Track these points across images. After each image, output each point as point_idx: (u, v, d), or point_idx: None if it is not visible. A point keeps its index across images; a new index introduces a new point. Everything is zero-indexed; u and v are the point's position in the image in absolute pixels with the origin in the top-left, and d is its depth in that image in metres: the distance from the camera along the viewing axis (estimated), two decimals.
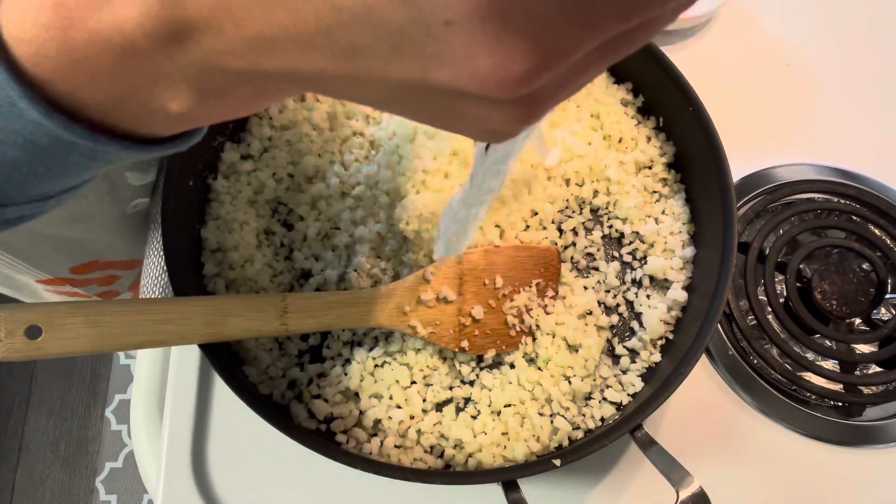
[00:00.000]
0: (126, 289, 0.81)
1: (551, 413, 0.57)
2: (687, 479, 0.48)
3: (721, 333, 0.65)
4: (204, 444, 0.60)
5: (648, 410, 0.51)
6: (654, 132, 0.68)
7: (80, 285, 0.75)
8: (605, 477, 0.60)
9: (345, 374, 0.58)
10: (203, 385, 0.62)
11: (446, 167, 0.60)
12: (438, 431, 0.57)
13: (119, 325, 0.44)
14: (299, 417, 0.56)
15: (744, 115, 0.74)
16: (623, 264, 0.64)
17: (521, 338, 0.59)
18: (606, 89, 0.69)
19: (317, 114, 0.65)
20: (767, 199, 0.69)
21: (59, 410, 1.60)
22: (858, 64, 0.78)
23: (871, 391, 0.64)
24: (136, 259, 0.75)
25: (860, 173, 0.72)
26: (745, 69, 0.77)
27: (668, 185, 0.66)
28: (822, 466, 0.61)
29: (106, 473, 1.54)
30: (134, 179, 0.62)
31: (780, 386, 0.63)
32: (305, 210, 0.63)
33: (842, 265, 0.67)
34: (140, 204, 0.66)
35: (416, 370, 0.58)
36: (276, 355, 0.59)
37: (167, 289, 0.66)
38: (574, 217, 0.65)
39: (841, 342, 0.64)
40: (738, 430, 0.62)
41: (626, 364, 0.60)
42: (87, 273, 0.73)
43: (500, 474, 0.51)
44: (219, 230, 0.61)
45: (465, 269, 0.57)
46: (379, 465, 0.50)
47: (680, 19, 0.75)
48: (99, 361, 1.65)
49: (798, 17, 0.80)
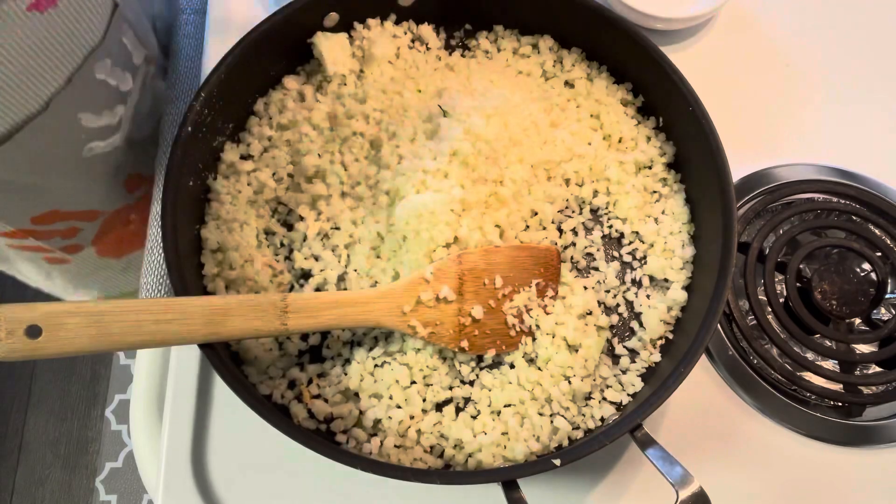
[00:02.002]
0: (89, 242, 0.80)
1: (551, 413, 0.57)
2: (687, 479, 0.48)
3: (721, 333, 0.65)
4: (204, 444, 0.60)
5: (648, 410, 0.51)
6: (654, 132, 0.68)
7: (43, 238, 0.74)
8: (605, 477, 0.60)
9: (345, 374, 0.58)
10: (203, 385, 0.62)
11: (446, 167, 0.60)
12: (438, 431, 0.57)
13: (119, 325, 0.44)
14: (299, 417, 0.56)
15: (744, 115, 0.74)
16: (623, 264, 0.64)
17: (521, 338, 0.59)
18: (606, 89, 0.69)
19: (317, 114, 0.65)
20: (767, 199, 0.69)
21: (59, 410, 1.60)
22: (858, 64, 0.78)
23: (871, 391, 0.64)
24: (97, 210, 0.76)
25: (860, 173, 0.72)
26: (745, 69, 0.77)
27: (668, 185, 0.66)
28: (822, 466, 0.61)
29: (106, 473, 1.54)
30: (87, 121, 0.62)
31: (780, 386, 0.63)
32: (305, 210, 0.63)
33: (842, 265, 0.67)
34: (96, 148, 0.66)
35: (416, 370, 0.58)
36: (276, 355, 0.59)
37: (167, 288, 0.66)
38: (574, 217, 0.65)
39: (841, 342, 0.64)
40: (738, 430, 0.62)
41: (625, 364, 0.60)
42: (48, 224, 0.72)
43: (500, 474, 0.51)
44: (219, 230, 0.61)
45: (464, 269, 0.57)
46: (379, 465, 0.50)
47: (680, 19, 0.75)
48: (99, 361, 1.65)
49: (798, 17, 0.80)
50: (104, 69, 0.61)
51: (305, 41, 0.67)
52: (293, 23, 0.65)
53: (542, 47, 0.71)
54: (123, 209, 0.78)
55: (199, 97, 0.59)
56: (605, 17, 0.65)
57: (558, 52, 0.71)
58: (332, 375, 0.58)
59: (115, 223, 0.80)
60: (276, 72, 0.68)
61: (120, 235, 0.82)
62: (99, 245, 0.82)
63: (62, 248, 0.78)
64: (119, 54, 0.64)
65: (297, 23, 0.65)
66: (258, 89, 0.67)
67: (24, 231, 0.71)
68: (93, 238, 0.80)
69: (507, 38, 0.72)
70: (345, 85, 0.67)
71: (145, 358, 0.68)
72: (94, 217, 0.76)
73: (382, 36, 0.68)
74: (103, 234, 0.80)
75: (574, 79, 0.70)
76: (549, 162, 0.65)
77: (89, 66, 0.59)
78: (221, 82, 0.60)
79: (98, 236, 0.80)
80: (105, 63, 0.61)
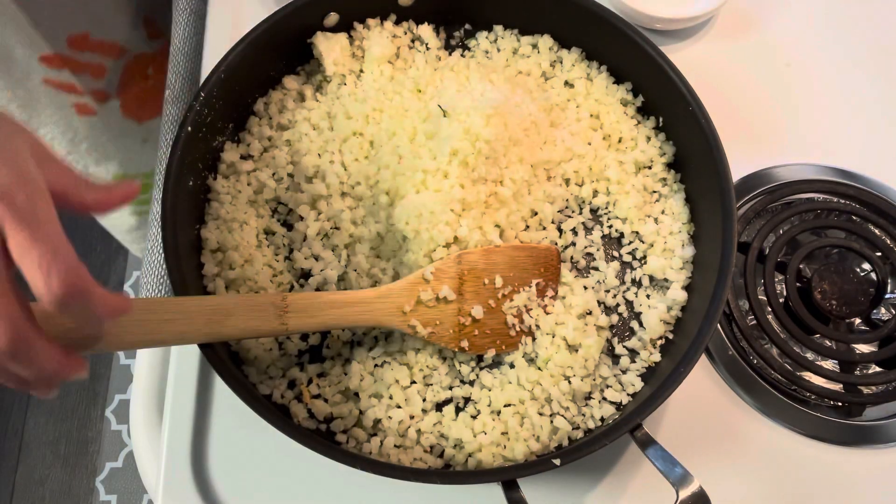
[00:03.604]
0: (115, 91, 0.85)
1: (551, 413, 0.57)
2: (687, 478, 0.48)
3: (721, 333, 0.65)
4: (204, 444, 0.60)
5: (648, 410, 0.51)
6: (654, 132, 0.68)
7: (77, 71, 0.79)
8: (605, 477, 0.60)
9: (345, 374, 0.58)
10: (203, 385, 0.61)
11: (446, 167, 0.60)
12: (438, 431, 0.57)
13: (119, 324, 0.44)
14: (299, 417, 0.56)
15: (744, 115, 0.74)
16: (623, 264, 0.64)
17: (520, 337, 0.59)
18: (606, 89, 0.69)
19: (317, 114, 0.65)
20: (767, 199, 0.69)
21: (59, 410, 1.60)
22: (858, 64, 0.78)
23: (871, 391, 0.64)
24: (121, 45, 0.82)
25: (860, 173, 0.72)
26: (745, 69, 0.77)
27: (668, 185, 0.66)
28: (822, 466, 0.61)
29: (106, 473, 1.54)
30: None
31: (780, 386, 0.63)
32: (305, 210, 0.63)
33: (842, 265, 0.67)
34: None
35: (416, 370, 0.58)
36: (276, 355, 0.59)
37: (167, 289, 0.66)
38: (574, 217, 0.65)
39: (841, 342, 0.64)
40: (738, 430, 0.62)
41: (625, 364, 0.60)
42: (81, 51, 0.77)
43: (500, 474, 0.51)
44: (219, 230, 0.61)
45: (464, 268, 0.57)
46: (379, 464, 0.50)
47: (680, 19, 0.75)
48: (99, 361, 1.65)
49: (798, 18, 0.80)
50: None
51: (305, 41, 0.67)
52: (293, 23, 0.65)
53: (541, 47, 0.71)
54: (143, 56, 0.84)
55: (199, 97, 0.59)
56: (605, 17, 0.65)
57: (558, 52, 0.71)
58: (332, 375, 0.58)
59: (135, 73, 0.85)
60: (276, 72, 0.68)
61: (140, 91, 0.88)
62: (123, 97, 0.87)
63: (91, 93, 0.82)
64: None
65: (297, 23, 0.65)
66: (258, 89, 0.67)
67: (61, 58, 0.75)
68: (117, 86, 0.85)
69: (506, 39, 0.72)
70: (345, 85, 0.67)
71: (145, 358, 0.68)
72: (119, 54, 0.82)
73: (382, 36, 0.69)
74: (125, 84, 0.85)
75: (574, 79, 0.70)
76: (549, 162, 0.65)
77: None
78: (221, 82, 0.60)
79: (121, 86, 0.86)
80: None
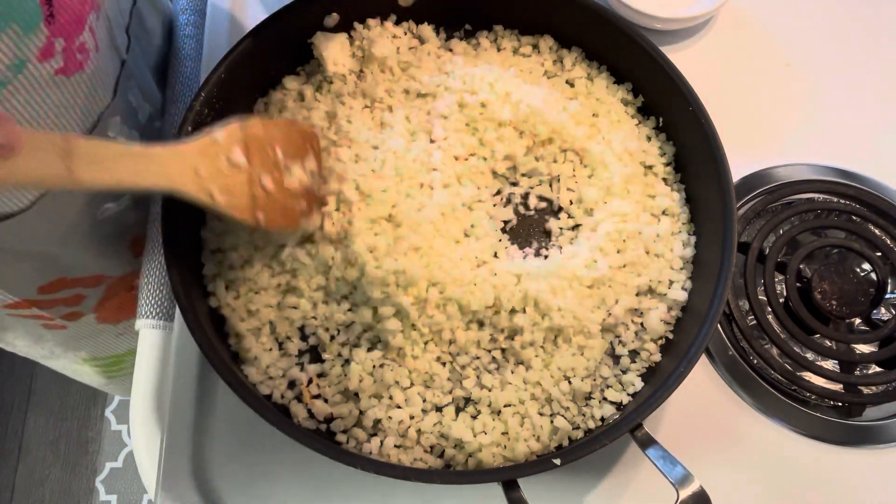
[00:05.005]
0: (91, 309, 0.79)
1: (551, 413, 0.57)
2: (687, 478, 0.48)
3: (721, 333, 0.65)
4: (204, 444, 0.60)
5: (648, 410, 0.51)
6: (654, 132, 0.68)
7: (46, 307, 0.73)
8: (605, 477, 0.60)
9: (345, 375, 0.58)
10: (203, 385, 0.61)
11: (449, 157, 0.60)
12: (438, 431, 0.56)
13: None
14: (299, 417, 0.56)
15: (744, 116, 0.74)
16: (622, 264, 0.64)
17: (312, 213, 0.58)
18: (607, 89, 0.69)
19: (317, 114, 0.65)
20: (767, 199, 0.69)
21: (59, 410, 1.60)
22: (858, 64, 0.78)
23: (871, 391, 0.64)
24: (103, 275, 0.75)
25: (860, 173, 0.72)
26: (745, 69, 0.77)
27: (668, 185, 0.66)
28: (822, 466, 0.61)
29: (106, 473, 1.54)
30: None
31: (780, 386, 0.63)
32: None
33: (842, 265, 0.67)
34: (108, 209, 0.66)
35: (415, 376, 0.58)
36: (276, 355, 0.59)
37: (167, 289, 0.66)
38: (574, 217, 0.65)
39: (841, 342, 0.64)
40: (738, 430, 0.62)
41: (626, 364, 0.60)
42: (54, 292, 0.71)
43: (500, 474, 0.51)
44: (219, 230, 0.61)
45: (249, 134, 0.55)
46: (379, 464, 0.50)
47: (680, 19, 0.75)
48: None
49: (798, 17, 0.80)
50: (115, 127, 0.62)
51: (305, 41, 0.67)
52: (293, 23, 0.65)
53: (542, 47, 0.71)
54: (129, 275, 0.78)
55: (199, 97, 0.59)
56: (605, 16, 0.65)
57: (558, 52, 0.71)
58: (332, 375, 0.58)
59: (120, 289, 0.79)
60: (276, 72, 0.68)
61: (122, 301, 0.81)
62: (100, 312, 0.81)
63: (63, 316, 0.77)
64: (126, 112, 0.64)
65: (297, 23, 0.65)
66: (258, 89, 0.67)
67: (29, 301, 0.70)
68: (95, 305, 0.79)
69: (507, 38, 0.72)
70: (345, 85, 0.67)
71: (145, 358, 0.68)
72: (99, 282, 0.76)
73: (382, 36, 0.68)
74: (106, 300, 0.79)
75: (574, 78, 0.70)
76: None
77: (103, 125, 0.60)
78: (221, 82, 0.60)
79: (101, 303, 0.79)
80: (116, 121, 0.62)
